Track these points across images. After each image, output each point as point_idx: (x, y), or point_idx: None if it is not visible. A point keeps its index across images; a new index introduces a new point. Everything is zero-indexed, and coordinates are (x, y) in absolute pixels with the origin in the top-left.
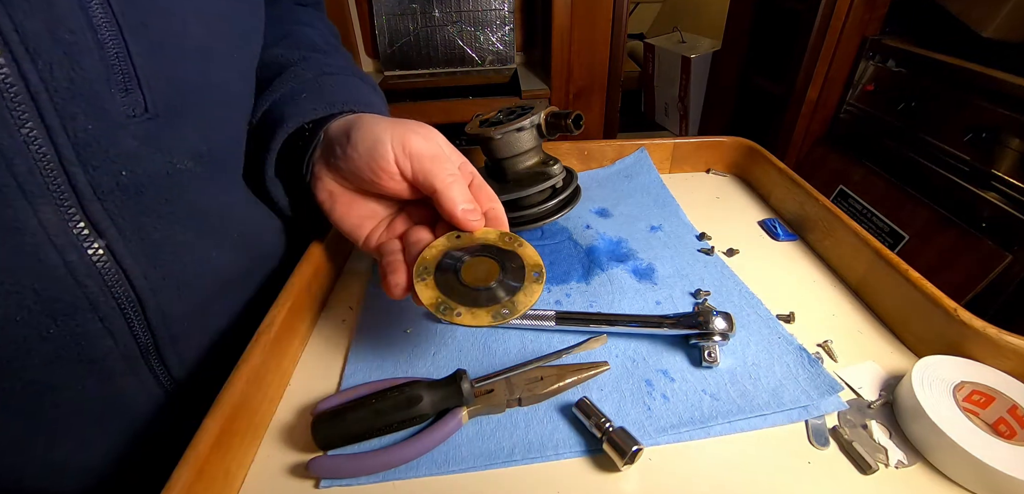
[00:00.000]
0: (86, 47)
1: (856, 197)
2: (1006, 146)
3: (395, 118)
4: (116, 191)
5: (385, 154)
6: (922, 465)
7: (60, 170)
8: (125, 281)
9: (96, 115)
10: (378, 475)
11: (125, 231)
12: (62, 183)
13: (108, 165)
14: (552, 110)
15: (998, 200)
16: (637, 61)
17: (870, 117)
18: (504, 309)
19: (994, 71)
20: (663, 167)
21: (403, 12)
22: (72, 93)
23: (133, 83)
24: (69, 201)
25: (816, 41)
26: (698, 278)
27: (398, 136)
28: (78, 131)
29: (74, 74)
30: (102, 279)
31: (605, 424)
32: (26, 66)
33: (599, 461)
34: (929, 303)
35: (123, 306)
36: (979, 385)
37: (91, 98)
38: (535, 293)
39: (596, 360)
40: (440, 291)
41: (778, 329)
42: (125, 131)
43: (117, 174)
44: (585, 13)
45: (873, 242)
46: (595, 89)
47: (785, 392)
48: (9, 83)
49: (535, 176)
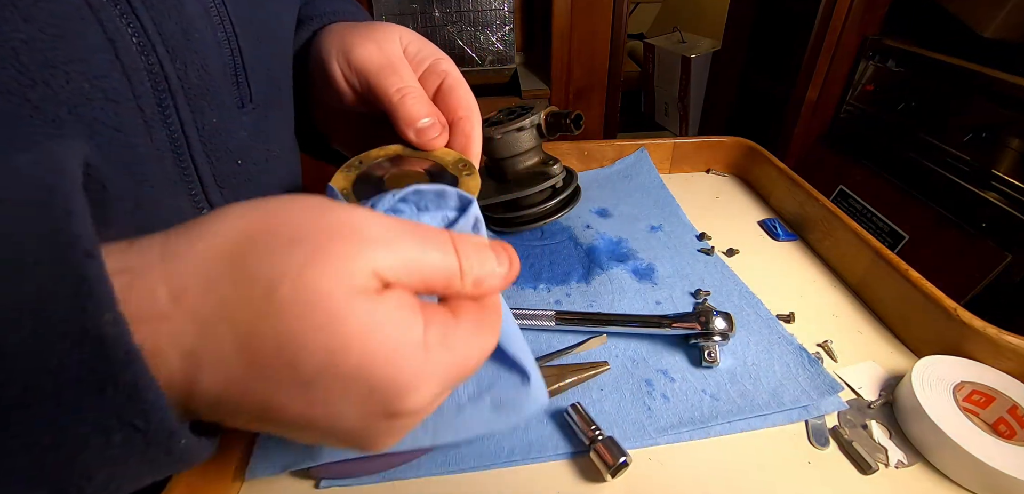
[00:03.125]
0: (211, 45)
1: (856, 197)
2: (1006, 146)
3: (354, 23)
4: (232, 179)
5: (333, 73)
6: (922, 465)
7: (190, 162)
8: None
9: (218, 109)
10: (378, 475)
11: None
12: (192, 174)
13: (227, 155)
14: (552, 110)
15: (998, 200)
16: (637, 61)
17: (870, 117)
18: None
19: (994, 71)
20: (663, 167)
21: (403, 12)
22: (202, 89)
23: (242, 76)
24: (197, 190)
25: (816, 41)
26: (698, 278)
27: (343, 49)
28: (206, 124)
29: (203, 71)
30: None
31: (594, 432)
32: (168, 65)
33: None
34: (929, 303)
35: None
36: (979, 385)
37: (215, 93)
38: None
39: (596, 360)
40: (352, 188)
41: (778, 329)
42: (238, 122)
43: (234, 163)
44: (585, 13)
45: (873, 242)
46: (595, 89)
47: (785, 392)
48: (158, 82)
49: (535, 176)
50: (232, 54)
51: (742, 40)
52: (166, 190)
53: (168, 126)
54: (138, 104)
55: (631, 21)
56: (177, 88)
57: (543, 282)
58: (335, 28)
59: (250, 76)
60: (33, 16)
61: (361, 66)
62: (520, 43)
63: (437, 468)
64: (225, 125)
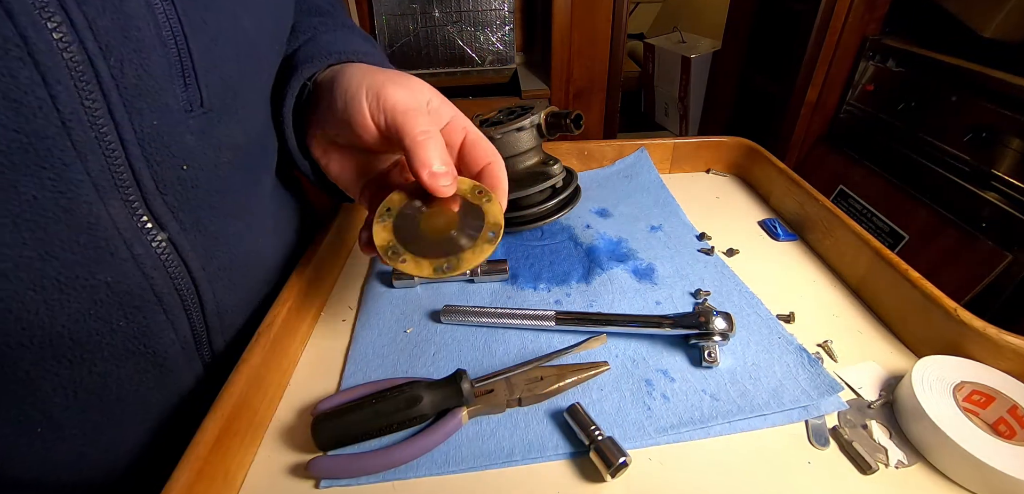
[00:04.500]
0: (153, 43)
1: (856, 197)
2: (1006, 146)
3: (383, 68)
4: (176, 185)
5: (359, 107)
6: (922, 465)
7: (126, 165)
8: (186, 273)
9: (160, 111)
10: (378, 475)
11: (185, 224)
12: (128, 178)
13: (170, 160)
14: (552, 110)
15: (998, 200)
16: (637, 61)
17: (870, 117)
18: (446, 263)
19: (994, 71)
20: (663, 167)
21: (403, 12)
22: (140, 89)
23: (192, 78)
24: (134, 195)
25: (816, 41)
26: (698, 278)
27: (375, 87)
28: (144, 126)
29: (142, 70)
30: (165, 271)
31: (594, 432)
32: (99, 63)
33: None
34: (929, 303)
35: (184, 297)
36: (979, 385)
37: (156, 93)
38: (484, 252)
39: (596, 360)
40: (395, 236)
41: (778, 329)
42: (184, 126)
43: (178, 168)
44: (585, 13)
45: (873, 242)
46: (595, 89)
47: (785, 392)
48: (85, 80)
49: (535, 176)
50: (179, 55)
51: (742, 40)
52: (85, 193)
53: (96, 127)
54: (55, 105)
55: (631, 21)
56: (110, 87)
57: (543, 282)
58: (366, 67)
59: (200, 78)
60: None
61: (391, 105)
62: (520, 43)
63: (437, 468)
64: (168, 128)
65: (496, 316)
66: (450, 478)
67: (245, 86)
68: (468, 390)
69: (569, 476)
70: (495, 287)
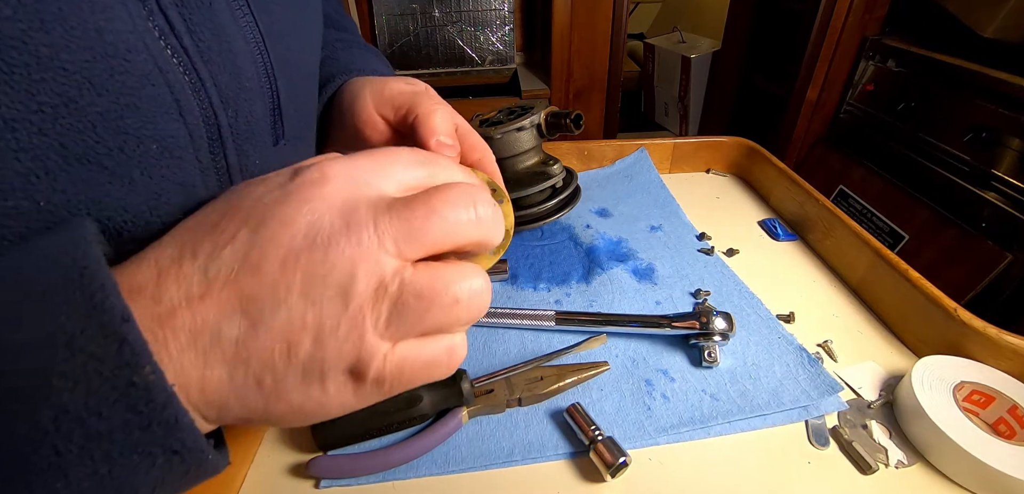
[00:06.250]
0: (257, 90)
1: (856, 197)
2: (1006, 146)
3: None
4: None
5: (363, 105)
6: (922, 465)
7: None
8: None
9: (260, 149)
10: (378, 475)
11: None
12: None
13: None
14: (552, 110)
15: (998, 200)
16: (637, 61)
17: (870, 117)
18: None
19: (994, 71)
20: (663, 167)
21: (403, 12)
22: (248, 133)
23: (278, 115)
24: None
25: (816, 41)
26: (698, 278)
27: (377, 86)
28: (249, 165)
29: (250, 115)
30: None
31: (594, 432)
32: (221, 114)
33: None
34: (929, 303)
35: None
36: (979, 385)
37: (259, 136)
38: (491, 259)
39: (596, 360)
40: None
41: (778, 329)
42: (275, 159)
43: None
44: (585, 13)
45: (873, 242)
46: (595, 89)
47: (785, 392)
48: (212, 130)
49: (535, 176)
50: (272, 95)
51: (742, 40)
52: None
53: (217, 171)
54: (197, 156)
55: (631, 21)
56: (227, 135)
57: (543, 282)
58: (367, 76)
59: (284, 114)
60: (107, 88)
61: (394, 95)
62: (520, 43)
63: (437, 468)
64: (265, 163)
65: (496, 316)
66: (450, 478)
67: (310, 114)
68: (468, 390)
69: (569, 476)
70: (495, 287)
